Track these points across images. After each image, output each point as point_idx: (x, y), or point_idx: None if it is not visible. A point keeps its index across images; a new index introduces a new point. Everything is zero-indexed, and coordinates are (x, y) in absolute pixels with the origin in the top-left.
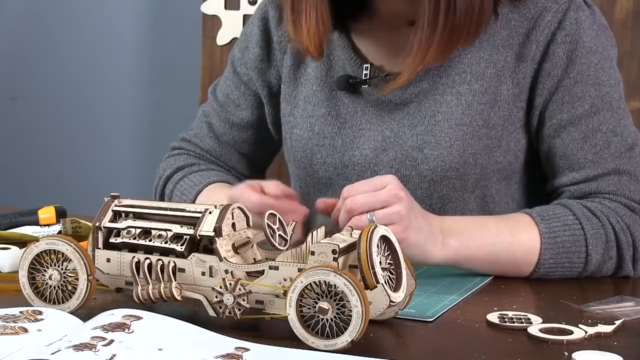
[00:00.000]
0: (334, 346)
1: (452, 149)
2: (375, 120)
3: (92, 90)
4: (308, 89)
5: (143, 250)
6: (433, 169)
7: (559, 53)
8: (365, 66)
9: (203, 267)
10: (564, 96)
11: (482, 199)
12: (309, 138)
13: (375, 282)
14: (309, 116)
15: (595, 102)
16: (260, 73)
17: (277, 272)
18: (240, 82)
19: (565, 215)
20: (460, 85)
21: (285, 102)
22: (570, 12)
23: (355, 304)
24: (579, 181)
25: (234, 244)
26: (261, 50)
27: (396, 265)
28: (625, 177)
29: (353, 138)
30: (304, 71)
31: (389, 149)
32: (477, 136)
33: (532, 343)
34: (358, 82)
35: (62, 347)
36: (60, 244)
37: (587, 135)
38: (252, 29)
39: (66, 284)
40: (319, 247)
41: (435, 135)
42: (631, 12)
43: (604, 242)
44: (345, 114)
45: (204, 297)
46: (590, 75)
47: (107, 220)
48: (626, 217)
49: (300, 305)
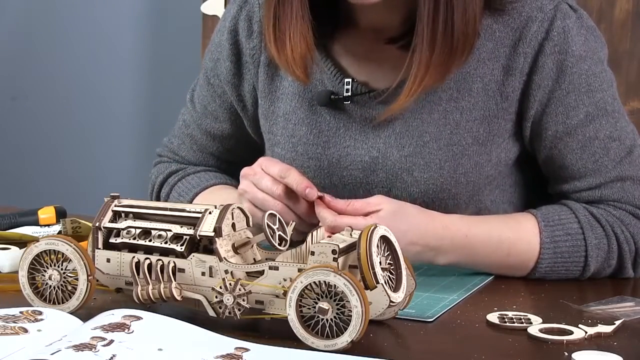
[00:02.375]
0: (333, 346)
1: (443, 170)
2: (360, 137)
3: (92, 90)
4: (287, 105)
5: (143, 250)
6: (424, 192)
7: (548, 64)
8: (347, 81)
9: (203, 267)
10: (557, 107)
11: (477, 213)
12: (293, 159)
13: (375, 282)
14: (290, 136)
15: (589, 110)
16: (233, 88)
17: (277, 272)
18: (216, 95)
19: (570, 223)
20: (447, 103)
21: (263, 118)
22: (556, 20)
23: (355, 304)
24: (582, 189)
25: (234, 244)
26: (232, 65)
27: (396, 266)
28: (628, 183)
29: (339, 158)
30: (280, 84)
31: (378, 170)
32: (467, 155)
33: (532, 343)
34: (340, 98)
35: (62, 347)
36: (60, 244)
37: (585, 144)
38: (222, 41)
39: (66, 284)
40: (319, 247)
41: (425, 157)
42: (631, 12)
43: (605, 252)
44: (327, 131)
45: (204, 297)
46: (582, 83)
47: (107, 221)
48: (631, 225)
49: (300, 306)
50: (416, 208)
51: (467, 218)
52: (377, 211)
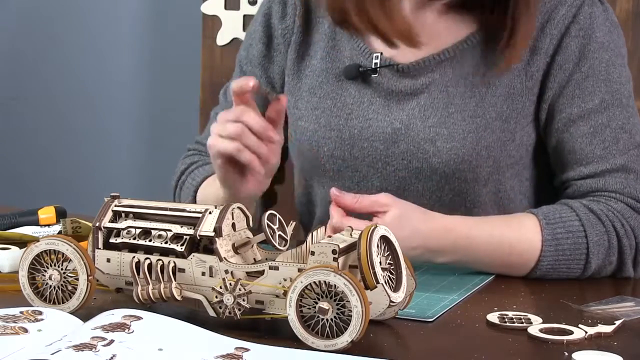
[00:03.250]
0: (334, 346)
1: (466, 141)
2: (383, 110)
3: (92, 90)
4: (313, 80)
5: (143, 250)
6: (445, 162)
7: (571, 46)
8: (375, 55)
9: (203, 267)
10: (574, 90)
11: (495, 194)
12: (315, 130)
13: (375, 282)
14: (314, 108)
15: (605, 98)
16: (263, 70)
17: (277, 272)
18: None
19: (571, 221)
20: (474, 77)
21: (289, 94)
22: (584, 6)
23: (355, 304)
24: (586, 176)
25: (234, 244)
26: (263, 47)
27: (396, 265)
28: (632, 176)
29: (361, 129)
30: (309, 63)
31: (399, 141)
32: (491, 129)
33: (532, 343)
34: (368, 71)
35: (62, 347)
36: (60, 244)
37: (596, 130)
38: (255, 27)
39: (66, 284)
40: (319, 247)
41: (449, 127)
42: (631, 12)
43: (605, 249)
44: (351, 104)
45: (204, 297)
46: (602, 70)
47: (107, 221)
48: (631, 219)
49: (300, 306)
50: (421, 211)
51: (468, 219)
52: (383, 212)
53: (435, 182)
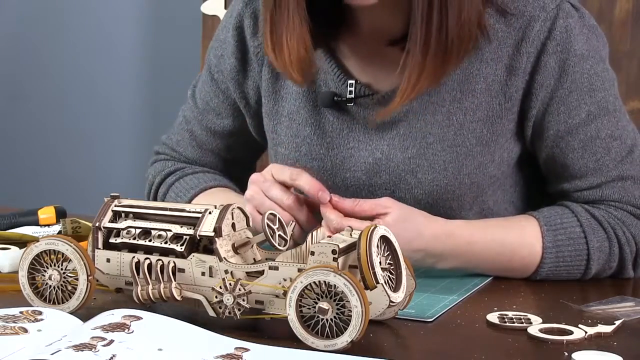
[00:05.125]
0: (333, 346)
1: (447, 172)
2: (364, 139)
3: (93, 90)
4: (291, 104)
5: (143, 250)
6: (428, 193)
7: (550, 64)
8: (350, 82)
9: (203, 267)
10: (559, 107)
11: (480, 214)
12: (296, 159)
13: (375, 282)
14: (294, 135)
15: (591, 110)
16: (237, 85)
17: (277, 272)
18: (219, 91)
19: (572, 227)
20: (451, 104)
21: (267, 117)
22: (559, 20)
23: (355, 304)
24: (583, 189)
25: (234, 244)
26: (237, 62)
27: (396, 266)
28: (629, 182)
29: (342, 159)
30: (284, 83)
31: (381, 172)
32: (471, 155)
33: (532, 343)
34: (343, 100)
35: (62, 347)
36: (60, 244)
37: (586, 143)
38: (227, 37)
39: (66, 284)
40: (318, 247)
41: (428, 158)
42: (631, 12)
43: (606, 255)
44: (331, 131)
45: (204, 297)
46: (584, 82)
47: (107, 221)
48: (632, 226)
49: (300, 306)
50: (422, 215)
51: (470, 223)
52: (384, 214)
53: None
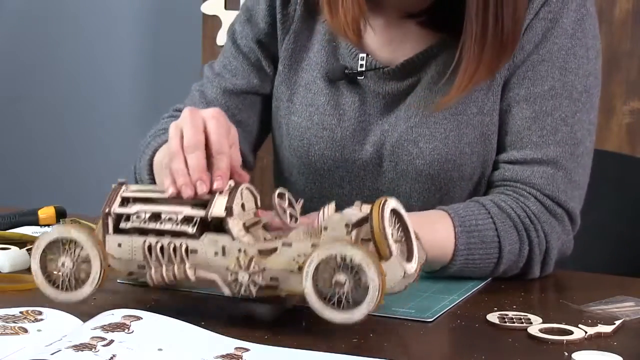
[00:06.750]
0: (350, 319)
1: (448, 140)
2: (374, 112)
3: (92, 90)
4: (309, 75)
5: (154, 233)
6: (430, 163)
7: (536, 28)
8: (361, 56)
9: (216, 247)
10: (527, 72)
11: (479, 184)
12: (307, 128)
13: (389, 253)
14: (308, 104)
15: (555, 85)
16: (264, 47)
17: (290, 248)
18: (239, 53)
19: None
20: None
21: (284, 86)
22: None
23: (372, 276)
24: (516, 161)
25: (245, 223)
26: (267, 27)
27: (407, 238)
28: (561, 173)
29: (353, 131)
30: (306, 55)
31: (387, 143)
32: (472, 125)
33: (532, 343)
34: (354, 73)
35: (62, 347)
36: (72, 232)
37: (538, 116)
38: (259, 5)
39: (79, 272)
40: (331, 222)
41: (430, 127)
42: (631, 12)
43: (515, 256)
44: (344, 104)
45: (219, 276)
46: (559, 57)
47: (116, 206)
48: (546, 223)
49: (315, 280)
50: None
51: None
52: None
53: (421, 183)
